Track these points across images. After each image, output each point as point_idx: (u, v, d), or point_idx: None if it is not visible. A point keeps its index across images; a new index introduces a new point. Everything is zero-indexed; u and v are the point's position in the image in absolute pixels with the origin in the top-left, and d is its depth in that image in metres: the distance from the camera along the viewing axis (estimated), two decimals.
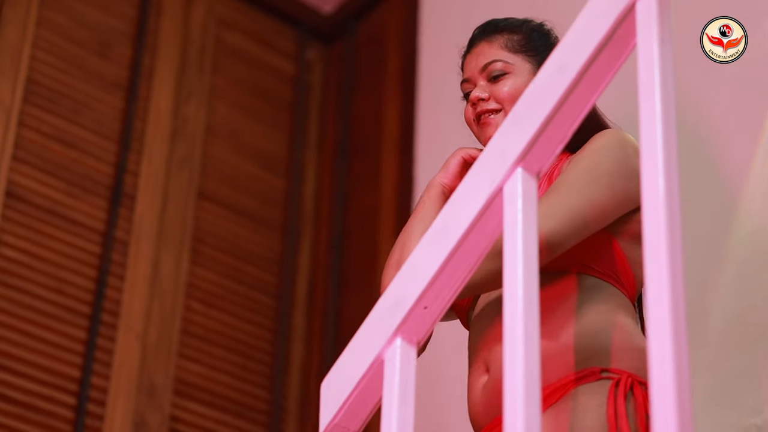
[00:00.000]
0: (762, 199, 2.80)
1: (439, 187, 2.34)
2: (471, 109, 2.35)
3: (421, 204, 2.33)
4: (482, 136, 2.33)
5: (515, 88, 2.29)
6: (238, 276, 4.17)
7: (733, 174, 2.90)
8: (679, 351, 1.37)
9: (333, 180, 4.47)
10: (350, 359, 1.80)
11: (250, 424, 3.98)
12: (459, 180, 2.32)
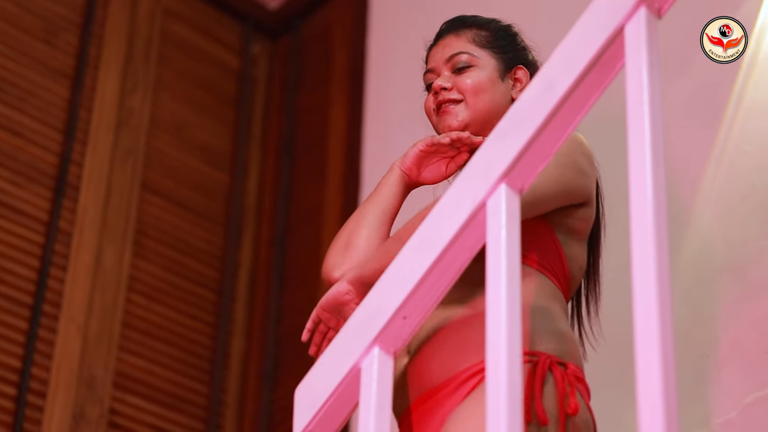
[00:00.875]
0: (711, 216, 2.86)
1: (398, 171, 2.34)
2: (432, 98, 2.35)
3: (379, 187, 2.34)
4: (441, 125, 2.33)
5: (479, 81, 2.31)
6: (179, 270, 4.15)
7: (683, 191, 2.95)
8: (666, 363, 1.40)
9: (276, 176, 4.47)
10: (326, 367, 1.81)
11: (189, 418, 3.97)
12: (417, 170, 2.33)
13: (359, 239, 2.26)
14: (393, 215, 2.30)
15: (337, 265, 2.25)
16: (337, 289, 2.15)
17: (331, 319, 2.18)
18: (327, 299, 2.16)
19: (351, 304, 2.13)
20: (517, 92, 2.35)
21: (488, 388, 1.54)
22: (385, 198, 2.31)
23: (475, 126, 2.30)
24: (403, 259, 1.76)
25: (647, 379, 1.39)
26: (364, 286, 2.12)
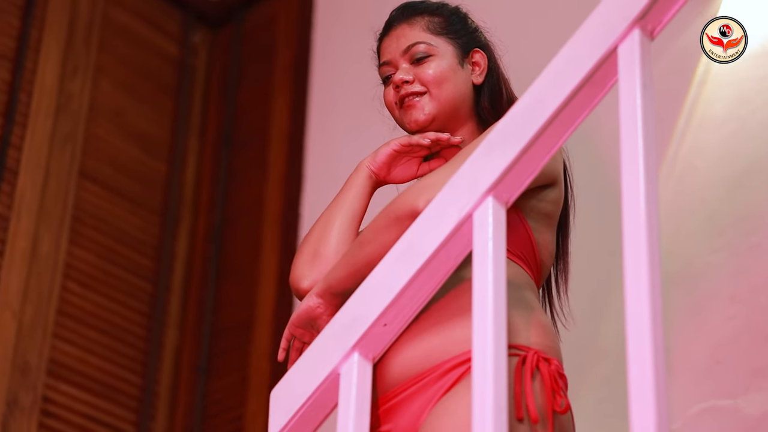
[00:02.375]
0: (663, 218, 2.90)
1: (366, 171, 2.30)
2: (393, 92, 2.30)
3: (346, 187, 2.30)
4: (405, 119, 2.29)
5: (440, 71, 2.27)
6: (115, 258, 4.12)
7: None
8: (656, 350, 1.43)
9: (215, 168, 4.45)
10: (304, 371, 1.82)
11: (121, 408, 3.94)
12: (387, 170, 2.30)
13: (328, 248, 2.23)
14: (361, 217, 2.28)
15: (304, 276, 2.22)
16: (307, 304, 2.14)
17: (305, 335, 2.17)
18: (299, 315, 2.15)
19: (323, 317, 2.13)
20: (477, 76, 2.31)
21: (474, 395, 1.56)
22: (352, 199, 2.28)
23: (441, 117, 2.27)
24: (386, 267, 1.78)
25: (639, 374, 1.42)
26: (333, 296, 2.11)
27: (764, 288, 2.67)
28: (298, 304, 2.18)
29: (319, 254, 2.23)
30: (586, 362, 2.90)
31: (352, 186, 2.30)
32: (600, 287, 2.97)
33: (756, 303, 2.67)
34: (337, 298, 2.11)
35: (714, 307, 2.69)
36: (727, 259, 2.75)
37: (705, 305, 2.72)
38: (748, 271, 2.71)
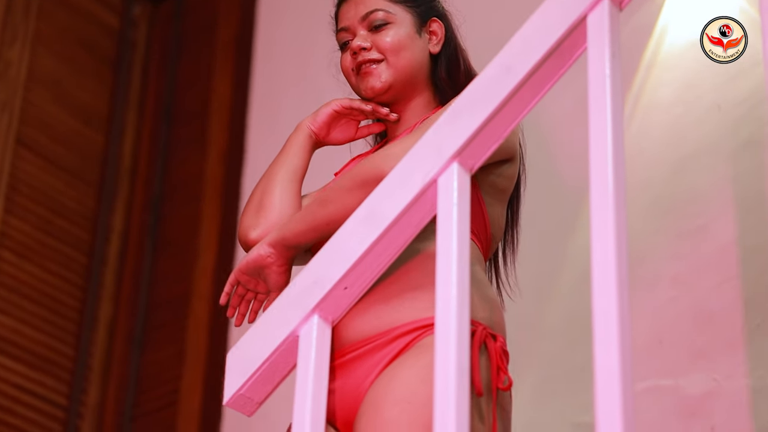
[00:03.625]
0: None
1: (307, 130, 2.32)
2: (351, 58, 2.30)
3: (287, 146, 2.32)
4: (362, 85, 2.29)
5: (398, 39, 2.27)
6: (51, 229, 4.08)
7: (578, 185, 3.02)
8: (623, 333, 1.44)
9: (153, 142, 4.41)
10: (261, 333, 1.81)
11: (54, 380, 3.91)
12: (328, 129, 2.33)
13: (272, 199, 2.24)
14: (302, 174, 2.29)
15: (252, 226, 2.23)
16: (258, 252, 2.13)
17: (249, 282, 2.16)
18: (248, 263, 2.14)
19: (273, 266, 2.12)
20: (434, 45, 2.32)
21: (437, 360, 1.56)
22: (294, 157, 2.29)
23: (398, 85, 2.28)
24: (348, 231, 1.78)
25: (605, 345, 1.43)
26: (286, 248, 2.11)
27: (707, 270, 2.71)
28: (248, 252, 2.16)
29: (263, 206, 2.23)
30: (532, 340, 2.92)
31: (293, 144, 2.32)
32: (547, 266, 2.99)
33: (698, 285, 2.71)
34: (289, 251, 2.11)
35: (657, 288, 2.72)
36: (671, 241, 2.79)
37: (648, 286, 2.75)
38: (692, 253, 2.75)
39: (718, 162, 2.79)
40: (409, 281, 2.05)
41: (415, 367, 1.95)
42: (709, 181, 2.79)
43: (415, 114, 2.30)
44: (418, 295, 2.04)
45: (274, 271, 2.12)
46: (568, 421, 2.76)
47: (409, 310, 2.03)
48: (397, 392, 1.93)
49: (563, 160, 3.11)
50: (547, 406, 2.81)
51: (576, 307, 2.88)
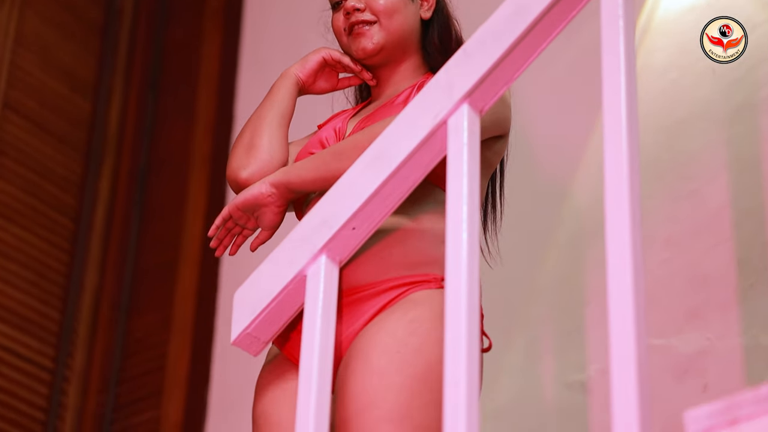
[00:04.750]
0: (597, 174, 2.95)
1: (293, 77, 2.34)
2: (343, 18, 2.31)
3: (274, 91, 2.32)
4: (353, 46, 2.31)
5: (391, 2, 2.29)
6: (38, 193, 4.07)
7: (570, 149, 3.04)
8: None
9: (140, 110, 4.40)
10: (269, 272, 1.82)
11: (40, 342, 3.90)
12: (314, 78, 2.35)
13: (262, 140, 2.24)
14: (290, 119, 2.30)
15: (242, 166, 2.23)
16: (259, 190, 2.13)
17: (242, 218, 2.16)
18: (246, 198, 2.13)
19: (271, 206, 2.12)
20: (425, 11, 2.34)
21: (447, 306, 1.56)
22: (282, 101, 2.30)
23: (389, 48, 2.30)
24: (358, 171, 1.78)
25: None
26: (288, 191, 2.12)
27: (700, 232, 2.73)
28: (247, 189, 2.14)
29: (254, 146, 2.24)
30: (523, 302, 2.94)
31: (281, 89, 2.33)
32: (539, 228, 3.00)
33: (691, 247, 2.73)
34: (291, 194, 2.12)
35: (651, 250, 2.73)
36: (665, 204, 2.80)
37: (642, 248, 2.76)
38: (685, 216, 2.77)
39: (712, 126, 2.81)
40: (400, 236, 2.07)
41: (404, 320, 1.98)
42: (703, 144, 2.81)
43: (403, 77, 2.32)
44: (408, 252, 2.07)
45: (272, 210, 2.13)
46: (560, 381, 2.78)
47: (398, 266, 2.06)
48: (385, 342, 1.96)
49: (558, 123, 3.12)
50: (539, 366, 2.83)
51: (568, 269, 2.89)
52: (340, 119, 2.32)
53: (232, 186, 2.26)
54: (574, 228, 2.93)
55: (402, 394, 1.91)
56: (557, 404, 2.78)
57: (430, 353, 1.95)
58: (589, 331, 2.78)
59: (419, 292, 2.03)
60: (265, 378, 2.13)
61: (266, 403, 2.08)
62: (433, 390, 1.92)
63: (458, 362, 1.50)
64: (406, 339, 1.94)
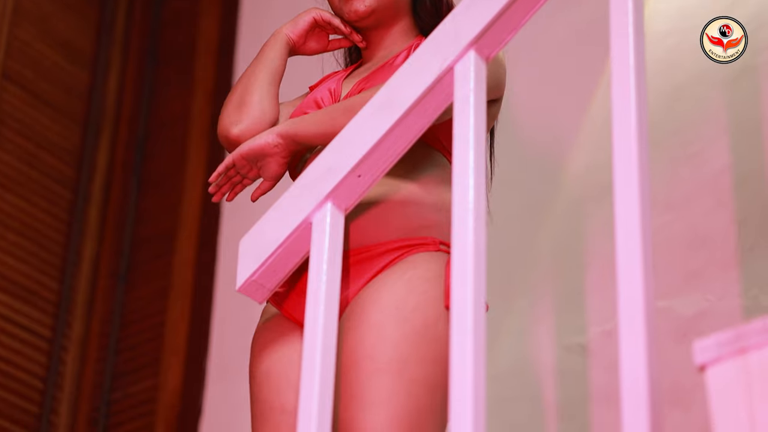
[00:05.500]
0: (598, 136, 2.95)
1: (284, 37, 2.34)
2: None
3: (265, 50, 2.33)
4: (345, 8, 2.31)
5: None
6: (36, 163, 4.06)
7: (573, 112, 3.04)
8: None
9: (138, 81, 4.39)
10: (275, 220, 1.82)
11: (39, 312, 3.90)
12: (304, 39, 2.34)
13: (253, 97, 2.24)
14: (280, 78, 2.30)
15: (234, 123, 2.23)
16: (265, 140, 2.12)
17: (244, 167, 2.15)
18: (251, 147, 2.13)
19: (276, 157, 2.12)
20: None
21: (454, 245, 1.56)
22: (273, 61, 2.30)
23: (380, 10, 2.30)
24: (364, 119, 1.78)
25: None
26: (294, 143, 2.11)
27: (699, 195, 2.74)
28: (252, 138, 2.14)
29: (245, 103, 2.24)
30: (522, 265, 2.94)
31: (272, 49, 2.32)
32: (539, 193, 3.01)
33: (691, 209, 2.73)
34: (296, 146, 2.12)
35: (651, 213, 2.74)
36: (665, 168, 2.81)
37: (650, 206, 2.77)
38: (684, 179, 2.77)
39: (713, 90, 2.82)
40: (400, 200, 2.08)
41: (402, 279, 2.00)
42: (703, 108, 2.81)
43: (394, 40, 2.33)
44: (408, 215, 2.08)
45: (276, 161, 2.13)
46: (558, 343, 2.79)
47: (397, 229, 2.07)
48: (384, 300, 1.98)
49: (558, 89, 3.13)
50: (538, 329, 2.84)
51: (567, 233, 2.90)
52: (333, 80, 2.32)
53: (224, 143, 2.26)
54: (574, 193, 2.94)
55: (398, 347, 1.92)
56: (557, 367, 2.79)
57: (427, 310, 1.97)
58: (589, 295, 2.79)
59: (418, 254, 2.04)
60: (265, 337, 2.14)
61: (268, 361, 2.09)
62: (430, 346, 1.93)
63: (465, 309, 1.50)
64: (405, 297, 1.96)
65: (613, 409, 2.66)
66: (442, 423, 1.95)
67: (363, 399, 1.90)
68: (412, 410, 1.89)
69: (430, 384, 1.92)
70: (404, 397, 1.89)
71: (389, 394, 1.89)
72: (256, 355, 2.13)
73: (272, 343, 2.11)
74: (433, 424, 1.92)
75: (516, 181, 3.00)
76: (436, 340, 1.94)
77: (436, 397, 1.92)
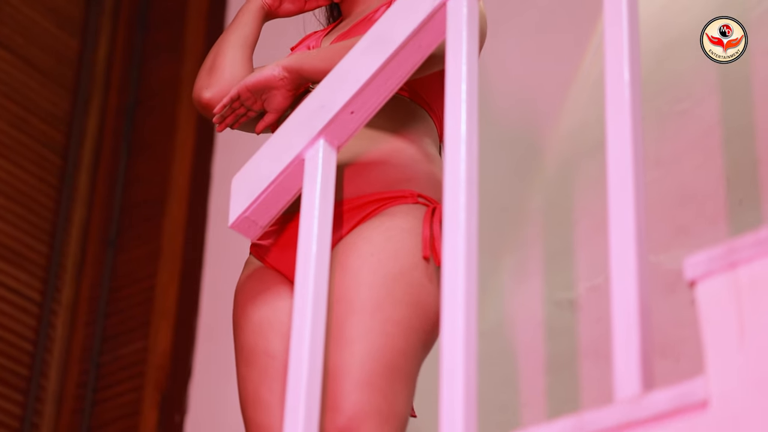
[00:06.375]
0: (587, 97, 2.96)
1: (259, 2, 2.35)
2: None
3: (239, 15, 2.35)
4: None
5: None
6: (25, 128, 4.06)
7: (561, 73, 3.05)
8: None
9: (128, 48, 4.39)
10: (268, 157, 1.83)
11: (28, 275, 3.90)
12: (279, 1, 2.35)
13: (224, 61, 2.27)
14: (253, 41, 2.32)
15: (204, 86, 2.26)
16: (271, 73, 2.11)
17: (249, 99, 2.14)
18: (257, 80, 2.12)
19: (282, 90, 2.12)
20: None
21: (446, 172, 1.57)
22: (245, 25, 2.33)
23: None
24: (356, 56, 1.79)
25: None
26: (299, 77, 2.11)
27: (688, 152, 2.75)
28: (259, 70, 2.14)
29: (216, 67, 2.27)
30: (512, 223, 2.95)
31: (245, 13, 2.35)
32: (528, 150, 3.02)
33: (680, 166, 2.75)
34: (301, 80, 2.12)
35: None
36: (654, 125, 2.82)
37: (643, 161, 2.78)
38: (674, 136, 2.79)
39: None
40: (381, 154, 2.09)
41: (379, 229, 2.01)
42: (693, 65, 2.82)
43: None
44: (387, 169, 2.09)
45: (281, 94, 2.12)
46: (548, 299, 2.80)
47: (377, 183, 2.08)
48: (361, 248, 1.99)
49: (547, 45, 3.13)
50: (528, 285, 2.85)
51: (556, 191, 2.91)
52: (313, 39, 2.33)
53: (197, 107, 2.30)
54: (563, 150, 2.95)
55: (373, 290, 1.93)
56: (546, 322, 2.80)
57: (403, 258, 1.98)
58: (578, 251, 2.80)
59: (396, 207, 2.06)
60: (249, 286, 2.16)
61: (252, 308, 2.11)
62: (405, 290, 1.94)
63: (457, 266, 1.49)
64: (382, 245, 1.97)
65: (601, 363, 2.68)
66: (415, 367, 1.95)
67: (337, 338, 1.91)
68: (386, 348, 1.89)
69: (405, 326, 1.92)
70: (378, 335, 1.89)
71: (363, 332, 1.90)
72: (240, 305, 2.15)
73: (256, 292, 2.13)
74: (406, 366, 1.92)
75: (505, 139, 3.01)
76: (411, 285, 1.95)
77: (410, 340, 1.93)
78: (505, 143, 2.93)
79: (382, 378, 1.87)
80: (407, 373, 1.92)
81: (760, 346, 1.19)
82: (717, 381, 1.19)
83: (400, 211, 2.04)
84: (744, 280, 1.22)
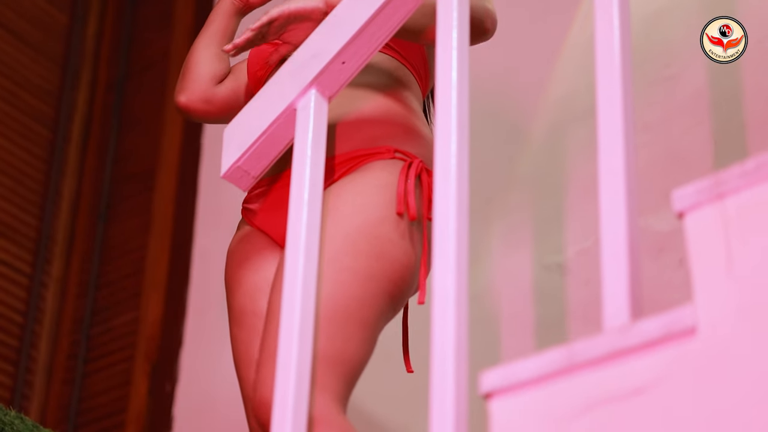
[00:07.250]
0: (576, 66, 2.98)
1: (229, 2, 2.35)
2: None
3: (211, 16, 2.36)
4: None
5: None
6: (15, 102, 4.07)
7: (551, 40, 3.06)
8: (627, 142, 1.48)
9: (117, 23, 4.40)
10: (259, 107, 1.84)
11: (19, 248, 3.91)
12: None
13: (195, 63, 2.32)
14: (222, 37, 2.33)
15: (178, 91, 2.32)
16: (316, 4, 2.03)
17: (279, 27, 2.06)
18: (302, 8, 2.04)
19: (316, 24, 1.97)
20: None
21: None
22: (214, 23, 2.34)
23: None
24: (347, 6, 1.80)
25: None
26: None
27: (677, 116, 2.77)
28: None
29: (187, 69, 2.33)
30: (502, 188, 2.97)
31: (216, 12, 2.37)
32: (518, 117, 3.03)
33: (669, 130, 2.77)
34: None
35: None
36: (644, 90, 2.84)
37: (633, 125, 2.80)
38: (663, 100, 2.80)
39: (691, 14, 2.84)
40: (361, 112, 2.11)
41: (352, 184, 2.01)
42: (680, 33, 2.84)
43: None
44: (368, 126, 2.10)
45: (312, 27, 1.98)
46: (537, 263, 2.82)
47: (357, 139, 2.09)
48: (330, 202, 1.99)
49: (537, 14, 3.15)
50: (517, 250, 2.86)
51: (546, 156, 2.93)
52: None
53: (180, 112, 2.34)
54: (553, 116, 2.97)
55: (334, 242, 1.93)
56: (535, 286, 2.82)
57: (370, 212, 1.97)
58: (568, 216, 2.82)
59: (371, 163, 2.06)
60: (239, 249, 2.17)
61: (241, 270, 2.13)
62: (369, 242, 1.94)
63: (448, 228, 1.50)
64: (350, 199, 1.97)
65: (589, 326, 2.69)
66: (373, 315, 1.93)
67: None
68: (337, 295, 1.88)
69: (363, 275, 1.91)
70: (329, 282, 1.89)
71: None
72: (232, 268, 2.17)
73: (245, 254, 2.15)
74: (360, 313, 1.90)
75: (496, 106, 3.03)
76: (377, 238, 1.95)
77: (368, 287, 1.91)
78: (494, 111, 2.94)
79: (329, 322, 1.86)
80: (362, 320, 1.91)
81: (746, 274, 1.20)
82: (705, 308, 1.21)
83: (375, 166, 2.05)
84: (731, 211, 1.24)
